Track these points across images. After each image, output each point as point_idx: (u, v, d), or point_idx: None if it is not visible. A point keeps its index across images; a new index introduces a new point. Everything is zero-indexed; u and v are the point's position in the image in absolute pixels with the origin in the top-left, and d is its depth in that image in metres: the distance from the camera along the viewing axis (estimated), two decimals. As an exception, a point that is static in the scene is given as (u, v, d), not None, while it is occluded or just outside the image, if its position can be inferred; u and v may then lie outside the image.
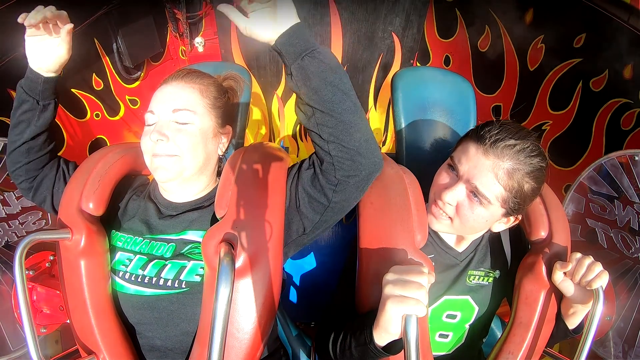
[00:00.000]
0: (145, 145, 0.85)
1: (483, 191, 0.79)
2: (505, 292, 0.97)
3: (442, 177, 0.87)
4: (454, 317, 0.95)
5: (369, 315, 0.71)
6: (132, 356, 0.83)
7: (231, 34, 2.26)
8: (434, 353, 0.95)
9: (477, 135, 0.81)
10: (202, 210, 0.89)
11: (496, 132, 0.78)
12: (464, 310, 0.95)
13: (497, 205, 0.80)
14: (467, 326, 0.97)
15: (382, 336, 0.67)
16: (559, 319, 0.87)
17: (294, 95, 0.75)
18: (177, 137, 0.83)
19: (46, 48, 0.83)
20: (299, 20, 0.70)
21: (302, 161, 0.85)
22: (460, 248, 0.95)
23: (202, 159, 0.87)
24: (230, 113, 0.99)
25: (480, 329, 0.99)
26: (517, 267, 0.93)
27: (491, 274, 0.95)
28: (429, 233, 0.87)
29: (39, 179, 0.95)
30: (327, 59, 0.70)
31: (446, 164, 0.89)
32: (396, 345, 0.68)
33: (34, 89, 0.88)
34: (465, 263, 0.94)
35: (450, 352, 0.99)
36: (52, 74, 0.88)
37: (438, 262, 0.92)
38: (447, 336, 0.97)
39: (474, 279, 0.94)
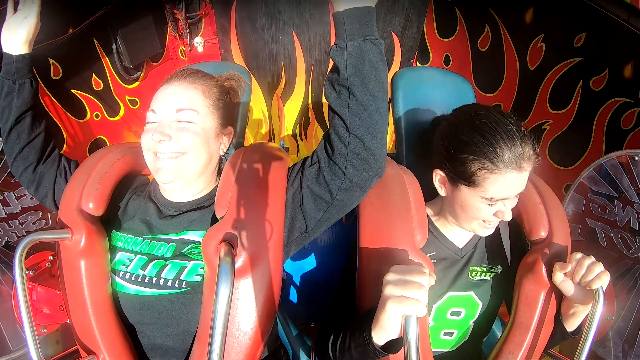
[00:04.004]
0: (146, 144, 0.85)
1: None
2: (507, 288, 0.98)
3: (485, 210, 0.85)
4: (458, 313, 0.95)
5: (367, 316, 0.71)
6: (132, 356, 0.83)
7: (231, 34, 2.26)
8: (437, 350, 0.95)
9: (499, 160, 0.79)
10: (202, 210, 0.89)
11: (510, 143, 0.78)
12: (468, 307, 0.95)
13: None
14: (471, 323, 0.97)
15: (381, 336, 0.67)
16: (557, 321, 0.87)
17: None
18: (179, 135, 0.83)
19: (16, 22, 0.90)
20: (374, 6, 0.68)
21: (305, 159, 0.84)
22: (461, 244, 0.95)
23: (204, 159, 0.87)
24: (231, 113, 0.99)
25: (483, 326, 0.99)
26: (517, 265, 0.93)
27: (493, 270, 0.96)
28: (429, 230, 0.87)
29: (39, 172, 0.96)
30: (383, 54, 0.70)
31: (481, 200, 0.84)
32: (395, 345, 0.69)
33: (9, 70, 0.92)
34: (466, 259, 0.95)
35: (452, 349, 0.99)
36: (22, 52, 0.91)
37: (439, 258, 0.92)
38: (451, 334, 0.97)
39: (476, 275, 0.95)
